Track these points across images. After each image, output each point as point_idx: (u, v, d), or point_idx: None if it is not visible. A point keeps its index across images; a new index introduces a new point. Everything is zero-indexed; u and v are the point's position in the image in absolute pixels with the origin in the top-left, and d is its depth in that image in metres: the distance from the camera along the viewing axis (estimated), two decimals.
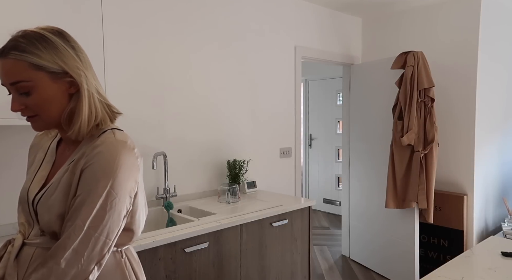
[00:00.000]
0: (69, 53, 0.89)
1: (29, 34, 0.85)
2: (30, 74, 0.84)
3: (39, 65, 0.84)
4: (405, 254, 2.97)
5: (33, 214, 0.94)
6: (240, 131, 2.75)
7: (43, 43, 0.85)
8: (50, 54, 0.85)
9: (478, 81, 2.94)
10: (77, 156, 0.91)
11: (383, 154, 3.10)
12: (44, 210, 0.90)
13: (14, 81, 0.84)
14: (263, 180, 2.89)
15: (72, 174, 0.89)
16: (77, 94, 0.90)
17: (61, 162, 0.98)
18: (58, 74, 0.87)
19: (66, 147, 0.99)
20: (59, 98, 0.89)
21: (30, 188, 0.97)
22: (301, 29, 3.14)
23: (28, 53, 0.83)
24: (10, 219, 1.77)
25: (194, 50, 2.45)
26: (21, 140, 1.80)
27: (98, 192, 0.84)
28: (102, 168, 0.85)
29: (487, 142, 3.15)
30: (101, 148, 0.87)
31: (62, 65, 0.87)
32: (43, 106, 0.87)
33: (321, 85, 5.35)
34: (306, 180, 5.55)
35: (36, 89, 0.85)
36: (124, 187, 0.88)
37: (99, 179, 0.85)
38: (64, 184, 0.89)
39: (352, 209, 3.59)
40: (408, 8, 3.34)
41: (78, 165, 0.88)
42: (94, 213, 0.83)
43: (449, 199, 3.05)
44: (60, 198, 0.88)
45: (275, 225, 2.17)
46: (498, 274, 1.31)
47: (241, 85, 2.74)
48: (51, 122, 0.91)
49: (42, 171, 0.99)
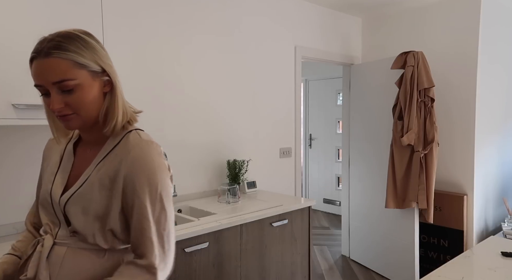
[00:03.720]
0: (103, 53, 0.93)
1: (67, 35, 0.87)
2: (75, 73, 0.86)
3: (82, 64, 0.86)
4: (405, 254, 2.97)
5: (60, 215, 0.95)
6: (240, 131, 2.75)
7: (82, 43, 0.88)
8: (90, 53, 0.88)
9: (478, 81, 2.94)
10: (107, 157, 0.94)
11: (383, 154, 3.10)
12: (77, 210, 0.91)
13: (60, 80, 0.84)
14: (263, 180, 2.89)
15: (105, 176, 0.92)
16: (110, 92, 0.94)
17: (83, 163, 0.99)
18: (97, 73, 0.90)
19: (86, 148, 1.01)
20: (98, 97, 0.91)
21: (53, 190, 0.97)
22: (301, 29, 3.14)
23: (72, 52, 0.85)
24: (10, 219, 1.78)
25: (194, 51, 2.45)
26: (19, 140, 1.80)
27: (153, 196, 0.90)
28: (147, 173, 0.90)
29: (487, 142, 3.14)
30: (137, 152, 0.91)
31: (101, 64, 0.90)
32: (85, 104, 0.89)
33: (321, 85, 5.35)
34: (306, 180, 5.55)
35: (79, 87, 0.87)
36: (168, 183, 0.94)
37: (149, 184, 0.90)
38: (100, 186, 0.91)
39: (352, 209, 3.59)
40: (408, 8, 3.34)
41: (113, 168, 0.91)
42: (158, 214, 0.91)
43: (449, 199, 3.05)
44: (97, 199, 0.91)
45: (275, 225, 2.17)
46: (498, 274, 1.31)
47: (241, 85, 2.74)
48: (88, 120, 0.92)
49: (62, 172, 1.00)
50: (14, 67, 1.50)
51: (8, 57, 1.49)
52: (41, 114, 1.57)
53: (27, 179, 1.82)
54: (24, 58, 1.52)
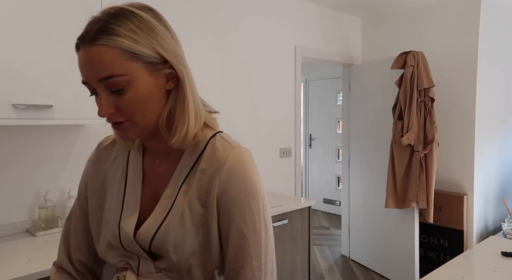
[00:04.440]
0: (167, 36, 0.68)
1: (117, 12, 0.65)
2: (126, 65, 0.64)
3: (136, 53, 0.64)
4: (405, 254, 2.97)
5: (140, 252, 0.74)
6: (240, 131, 2.75)
7: (137, 23, 0.65)
8: (147, 37, 0.65)
9: (478, 81, 2.94)
10: (192, 173, 0.73)
11: (383, 154, 3.10)
12: (167, 250, 0.71)
13: (106, 76, 0.63)
14: (263, 180, 2.89)
15: (196, 201, 0.72)
16: (175, 90, 0.71)
17: (156, 181, 0.77)
18: (156, 65, 0.67)
19: (154, 160, 0.79)
20: (158, 96, 0.69)
21: (123, 220, 0.75)
22: (301, 29, 3.14)
23: (122, 37, 0.63)
24: (10, 219, 1.78)
25: (193, 50, 2.45)
26: (19, 140, 1.80)
27: (255, 220, 0.70)
28: (245, 190, 0.70)
29: (487, 142, 3.14)
30: (231, 164, 0.71)
31: (161, 51, 0.67)
32: (139, 107, 0.67)
33: (321, 85, 5.35)
34: (306, 180, 5.55)
35: (132, 84, 0.65)
36: (267, 200, 0.75)
37: (249, 205, 0.70)
38: (192, 214, 0.71)
39: (352, 209, 3.59)
40: (408, 8, 3.34)
41: (204, 189, 0.71)
42: (263, 246, 0.70)
43: (449, 199, 3.05)
44: (190, 233, 0.71)
45: (275, 225, 2.17)
46: (498, 274, 1.31)
47: (241, 85, 2.74)
48: (146, 128, 0.70)
49: (131, 194, 0.78)
50: (14, 66, 1.50)
51: (8, 56, 1.49)
52: (41, 114, 1.57)
53: (27, 179, 1.82)
54: (23, 57, 1.52)
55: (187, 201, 0.72)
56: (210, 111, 0.80)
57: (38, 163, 1.86)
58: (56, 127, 1.90)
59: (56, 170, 1.91)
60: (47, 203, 1.79)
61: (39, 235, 1.72)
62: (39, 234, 1.72)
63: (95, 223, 0.81)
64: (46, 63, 1.57)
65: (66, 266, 0.85)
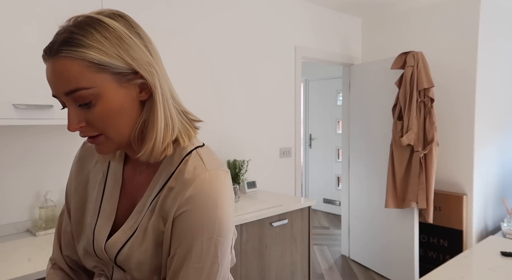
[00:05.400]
0: (137, 44, 0.65)
1: (83, 22, 0.62)
2: (92, 78, 0.61)
3: (102, 64, 0.61)
4: (405, 254, 2.98)
5: (109, 262, 0.74)
6: (240, 131, 2.76)
7: (105, 33, 0.62)
8: (113, 46, 0.62)
9: (477, 81, 2.95)
10: (163, 191, 0.71)
11: (383, 154, 3.10)
12: (130, 266, 0.70)
13: (71, 89, 0.61)
14: (263, 180, 2.90)
15: (159, 218, 0.69)
16: (149, 101, 0.68)
17: (133, 189, 0.76)
18: (125, 75, 0.64)
19: (135, 169, 0.77)
20: (129, 108, 0.66)
21: (97, 227, 0.75)
22: (301, 29, 3.14)
23: (87, 48, 0.60)
24: (10, 219, 1.78)
25: (193, 50, 2.45)
26: (20, 140, 1.80)
27: (203, 249, 0.66)
28: (201, 217, 0.66)
29: (487, 142, 3.15)
30: (195, 188, 0.67)
31: (131, 61, 0.64)
32: (110, 120, 0.65)
33: (321, 85, 5.36)
34: (306, 180, 5.55)
35: (100, 97, 0.62)
36: (228, 227, 0.69)
37: (201, 231, 0.66)
38: (154, 234, 0.70)
39: (352, 209, 3.59)
40: (408, 8, 3.34)
41: (167, 208, 0.69)
42: (204, 276, 0.67)
43: (449, 199, 3.05)
44: (151, 252, 0.69)
45: (275, 225, 2.17)
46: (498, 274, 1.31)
47: (241, 85, 2.75)
48: (121, 142, 0.68)
49: (108, 201, 0.77)
50: (14, 67, 1.50)
51: (8, 56, 1.49)
52: (41, 114, 1.57)
53: (27, 179, 1.83)
54: (24, 57, 1.53)
55: (152, 219, 0.70)
56: (194, 119, 0.77)
57: (39, 163, 1.86)
58: (56, 127, 1.90)
59: (56, 170, 1.91)
60: (47, 203, 1.79)
61: (39, 234, 1.72)
62: (39, 233, 1.72)
63: (76, 224, 0.81)
64: None
65: (60, 262, 0.85)
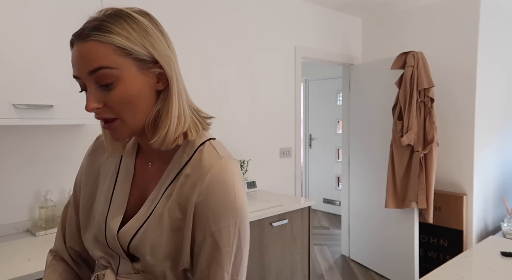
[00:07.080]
0: (159, 38, 0.71)
1: (114, 13, 0.68)
2: (116, 60, 0.66)
3: (127, 49, 0.66)
4: (405, 254, 2.98)
5: (120, 251, 0.75)
6: (240, 131, 2.76)
7: (131, 24, 0.68)
8: (139, 36, 0.68)
9: (477, 81, 2.95)
10: (177, 179, 0.74)
11: (383, 154, 3.10)
12: (144, 250, 0.72)
13: (96, 67, 0.65)
14: (263, 180, 2.90)
15: (175, 205, 0.72)
16: (165, 92, 0.72)
17: (145, 181, 0.79)
18: (146, 63, 0.69)
19: (147, 159, 0.80)
20: (146, 96, 0.70)
21: (109, 216, 0.77)
22: (301, 29, 3.14)
23: (115, 35, 0.66)
24: (10, 219, 1.78)
25: (193, 50, 2.45)
26: (20, 140, 1.80)
27: (230, 233, 0.70)
28: (224, 202, 0.70)
29: (487, 142, 3.15)
30: (213, 174, 0.70)
31: (152, 51, 0.69)
32: (129, 104, 0.68)
33: (321, 85, 5.36)
34: (306, 180, 5.55)
35: (121, 80, 0.67)
36: (247, 212, 0.74)
37: (226, 218, 0.70)
38: (171, 219, 0.72)
39: (352, 209, 3.59)
40: (408, 8, 3.34)
41: (185, 195, 0.72)
42: (233, 259, 0.71)
43: (449, 199, 3.05)
44: (168, 236, 0.72)
45: (275, 225, 2.17)
46: (498, 274, 1.31)
47: (241, 85, 2.75)
48: (136, 127, 0.71)
49: (120, 192, 0.79)
50: (14, 66, 1.50)
51: (8, 56, 1.49)
52: (41, 114, 1.57)
53: (27, 179, 1.82)
54: (24, 57, 1.53)
55: (168, 205, 0.72)
56: (205, 116, 0.80)
57: (39, 163, 1.86)
58: (56, 127, 1.90)
59: (56, 170, 1.91)
60: (47, 203, 1.79)
61: (39, 234, 1.72)
62: (39, 233, 1.72)
63: (84, 215, 0.83)
64: (47, 63, 1.58)
65: (63, 253, 0.87)
